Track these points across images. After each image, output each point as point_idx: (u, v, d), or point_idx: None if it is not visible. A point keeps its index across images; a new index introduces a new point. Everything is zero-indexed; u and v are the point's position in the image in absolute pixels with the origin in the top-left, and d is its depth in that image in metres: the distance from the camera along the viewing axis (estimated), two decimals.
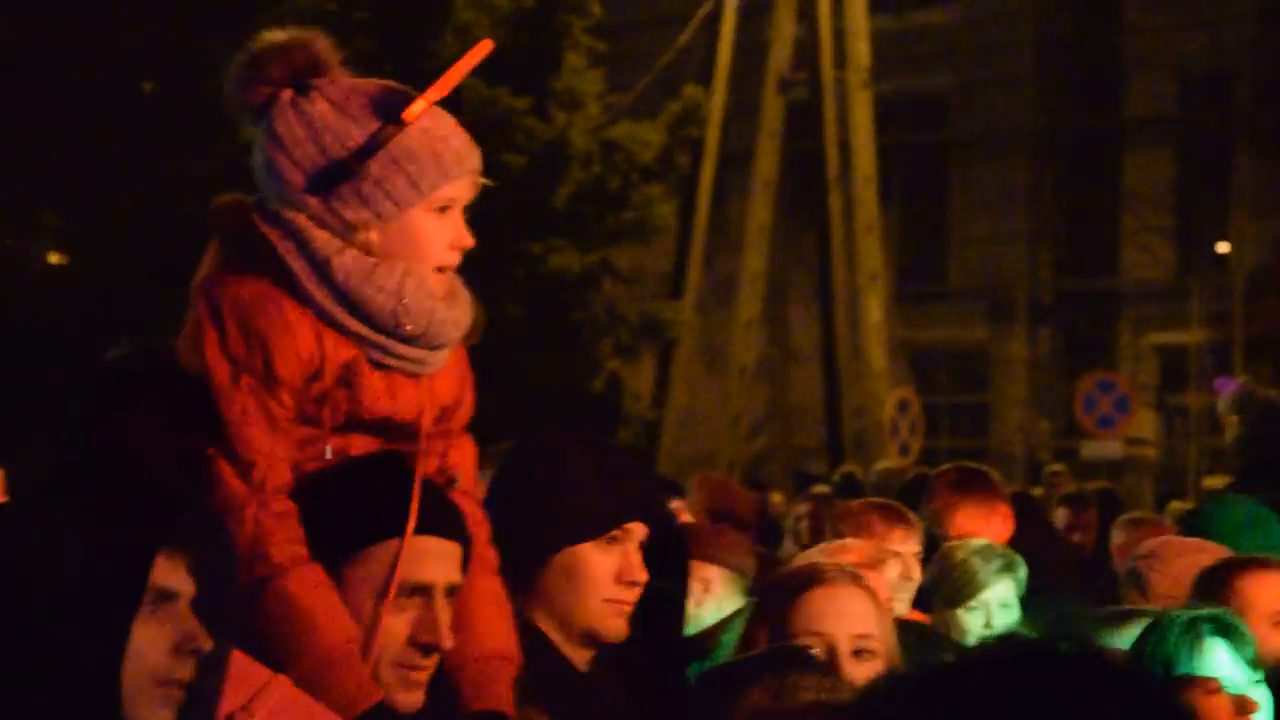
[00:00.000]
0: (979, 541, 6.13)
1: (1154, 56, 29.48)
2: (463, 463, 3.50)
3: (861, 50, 24.11)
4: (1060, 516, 10.32)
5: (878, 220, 24.67)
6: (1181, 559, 5.46)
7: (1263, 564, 5.19)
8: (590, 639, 3.88)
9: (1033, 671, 1.90)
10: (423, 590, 3.20)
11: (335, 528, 3.20)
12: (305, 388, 3.25)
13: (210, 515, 2.92)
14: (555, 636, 3.84)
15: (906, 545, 5.82)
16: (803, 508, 12.34)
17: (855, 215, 24.45)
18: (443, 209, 3.37)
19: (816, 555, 4.80)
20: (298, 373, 3.25)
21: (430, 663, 3.24)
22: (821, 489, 17.59)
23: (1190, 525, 6.70)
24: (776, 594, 3.74)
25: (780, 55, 24.63)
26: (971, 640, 5.71)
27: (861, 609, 3.68)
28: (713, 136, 23.87)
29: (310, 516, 3.20)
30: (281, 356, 3.24)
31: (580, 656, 3.88)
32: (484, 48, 3.47)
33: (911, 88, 29.78)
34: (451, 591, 3.26)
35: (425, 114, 3.32)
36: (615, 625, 3.87)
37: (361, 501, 3.25)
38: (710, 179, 24.26)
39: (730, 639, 4.02)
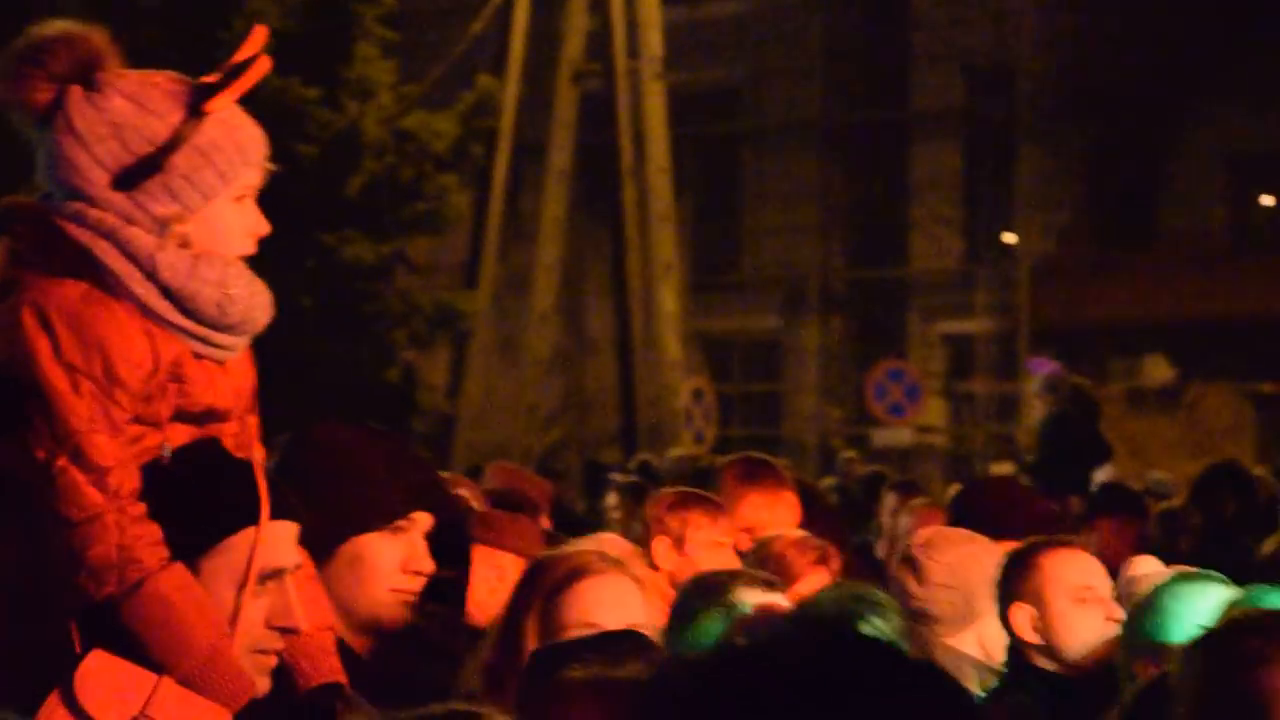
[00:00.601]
0: (797, 533, 6.17)
1: (940, 50, 29.80)
2: (256, 440, 3.50)
3: (654, 41, 24.16)
4: (889, 502, 10.43)
5: (671, 211, 24.72)
6: (955, 548, 5.56)
7: (1065, 543, 5.32)
8: (374, 629, 3.87)
9: (826, 652, 1.91)
10: (276, 575, 3.20)
11: (189, 523, 3.18)
12: (142, 388, 3.22)
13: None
14: (338, 627, 3.82)
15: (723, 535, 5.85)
16: (613, 499, 12.37)
17: (649, 206, 24.49)
18: (240, 198, 3.37)
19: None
20: (136, 374, 3.22)
21: (283, 645, 3.25)
22: (624, 478, 17.65)
23: (955, 510, 6.84)
24: (544, 584, 3.71)
25: (574, 46, 24.61)
26: None
27: (630, 599, 3.67)
28: (507, 127, 23.82)
29: (159, 514, 3.18)
30: (121, 359, 3.21)
31: (363, 646, 3.87)
32: (260, 35, 3.45)
33: (704, 79, 29.88)
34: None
35: (222, 105, 3.31)
36: (399, 615, 3.87)
37: (212, 494, 3.24)
38: (505, 169, 24.21)
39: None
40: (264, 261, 3.42)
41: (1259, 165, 26.92)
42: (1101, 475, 14.44)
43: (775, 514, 6.39)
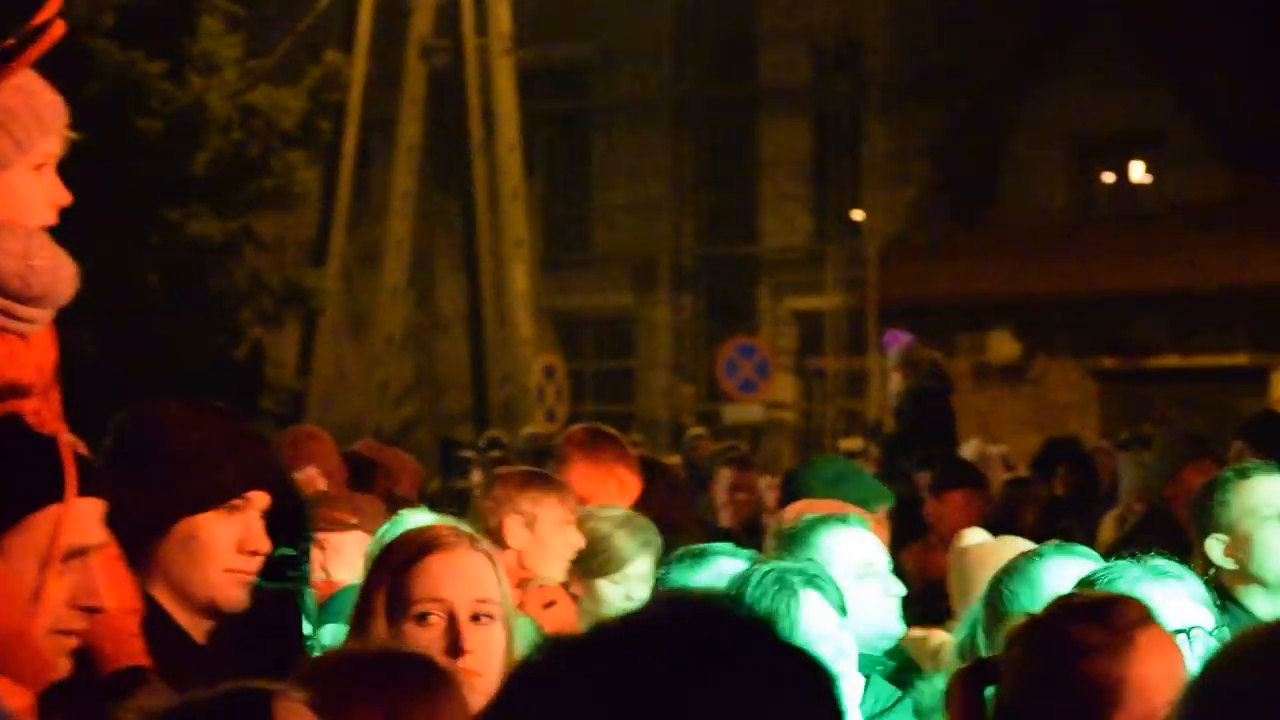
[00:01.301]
0: (620, 512, 6.16)
1: (787, 27, 29.87)
2: (59, 415, 3.43)
3: (503, 17, 24.08)
4: (724, 477, 10.46)
5: (522, 187, 24.66)
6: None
7: (842, 520, 5.38)
8: (210, 610, 3.81)
9: (694, 629, 1.90)
10: (81, 553, 3.13)
11: None
12: None
13: None
14: (173, 608, 3.76)
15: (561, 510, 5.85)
16: (477, 476, 12.35)
17: (499, 182, 24.42)
18: (39, 166, 3.28)
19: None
20: None
21: (86, 627, 3.18)
22: (485, 455, 17.59)
23: (786, 486, 6.86)
24: (394, 560, 3.67)
25: (422, 22, 24.48)
26: (612, 611, 5.73)
27: (480, 573, 3.63)
28: (354, 103, 23.66)
29: None
30: None
31: (199, 628, 3.81)
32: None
33: (553, 55, 29.79)
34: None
35: (18, 71, 3.23)
36: (236, 595, 3.81)
37: (14, 471, 3.15)
38: (353, 145, 24.06)
39: (347, 605, 3.98)
40: (108, 237, 3.36)
41: (1101, 143, 27.23)
42: (969, 450, 14.53)
43: (604, 487, 6.42)
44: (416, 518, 5.08)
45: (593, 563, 5.93)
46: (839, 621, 4.58)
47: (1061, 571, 4.28)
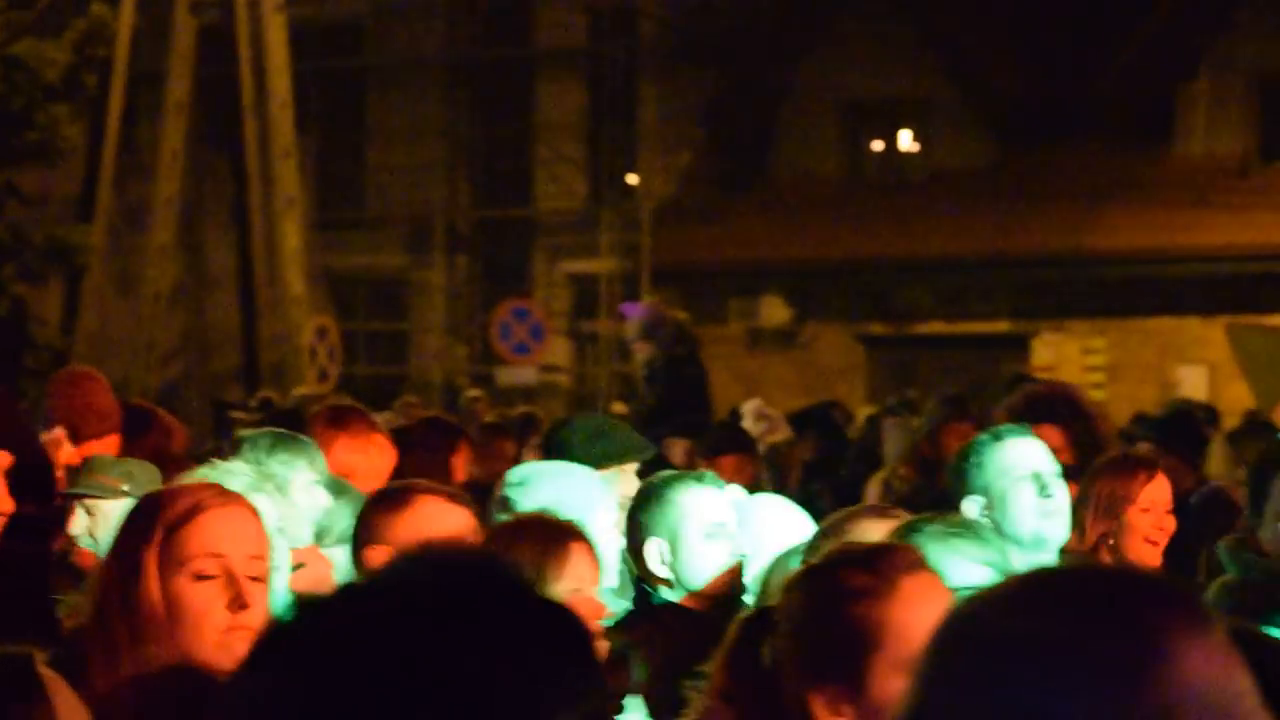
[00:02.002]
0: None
1: None
2: None
3: None
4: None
5: (294, 146, 24.39)
6: (549, 483, 5.58)
7: (698, 479, 5.54)
8: None
9: (445, 583, 1.91)
10: None
11: None
12: None
13: None
14: None
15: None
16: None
17: (271, 141, 24.13)
18: None
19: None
20: None
21: None
22: (249, 416, 17.39)
23: (547, 443, 6.91)
24: (168, 517, 3.58)
25: None
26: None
27: (254, 531, 3.63)
28: (121, 57, 23.24)
29: None
30: None
31: None
32: None
33: (327, 13, 29.54)
34: None
35: None
36: None
37: None
38: (120, 100, 23.65)
39: None
40: None
41: (870, 112, 27.50)
42: (749, 409, 14.57)
43: (367, 457, 6.44)
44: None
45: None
46: (604, 577, 4.62)
47: (876, 531, 4.37)
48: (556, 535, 4.63)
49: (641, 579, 5.42)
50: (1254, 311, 23.82)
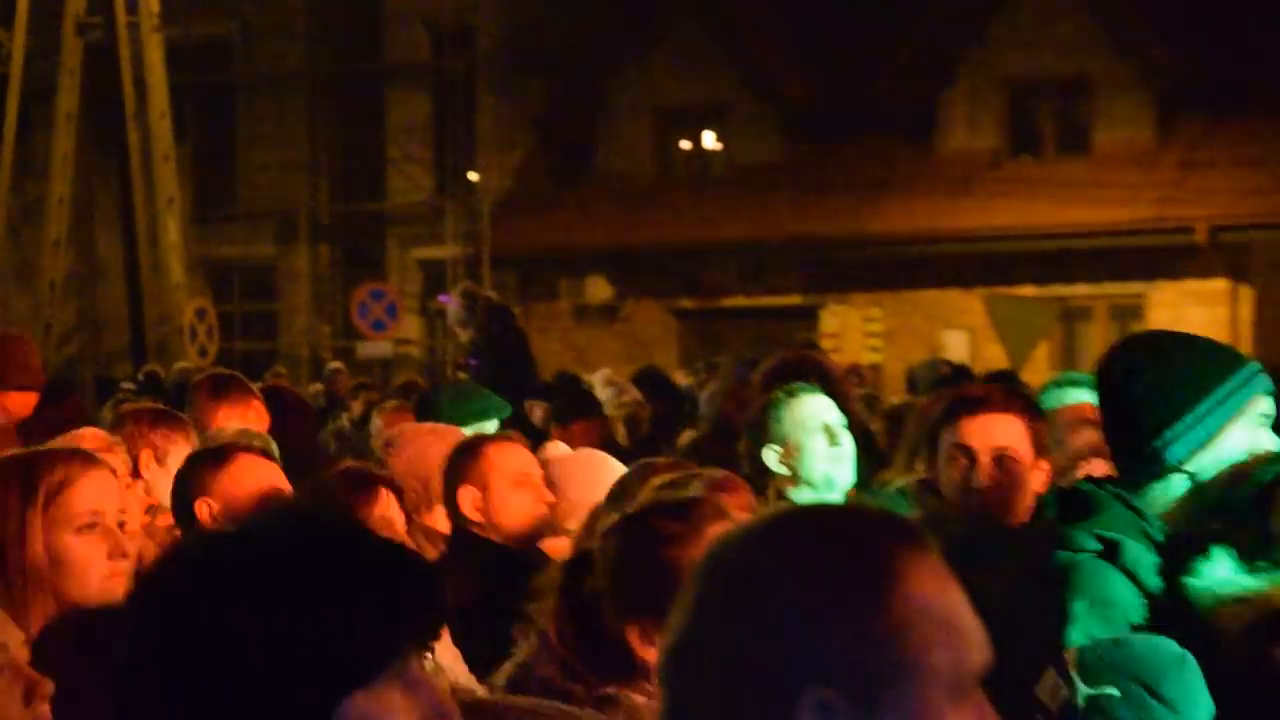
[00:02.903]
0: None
1: (408, 10, 29.85)
2: None
3: None
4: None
5: (172, 150, 24.07)
6: (415, 442, 5.61)
7: (508, 437, 5.56)
8: None
9: (297, 535, 1.91)
10: None
11: None
12: None
13: None
14: None
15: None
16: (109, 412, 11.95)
17: (152, 146, 23.82)
18: None
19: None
20: None
21: None
22: (130, 386, 17.13)
23: (420, 406, 6.90)
24: (52, 481, 3.50)
25: (77, 1, 23.71)
26: None
27: (117, 488, 3.61)
28: (16, 74, 22.91)
29: None
30: None
31: None
32: None
33: (199, 33, 29.23)
34: None
35: None
36: None
37: None
38: (15, 112, 23.32)
39: None
40: None
41: (677, 116, 27.54)
42: (599, 378, 14.45)
43: (246, 420, 6.38)
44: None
45: None
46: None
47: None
48: (365, 483, 4.59)
49: (459, 523, 5.42)
50: (1006, 284, 24.18)
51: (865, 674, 1.74)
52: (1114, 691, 3.13)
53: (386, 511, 4.56)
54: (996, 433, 4.66)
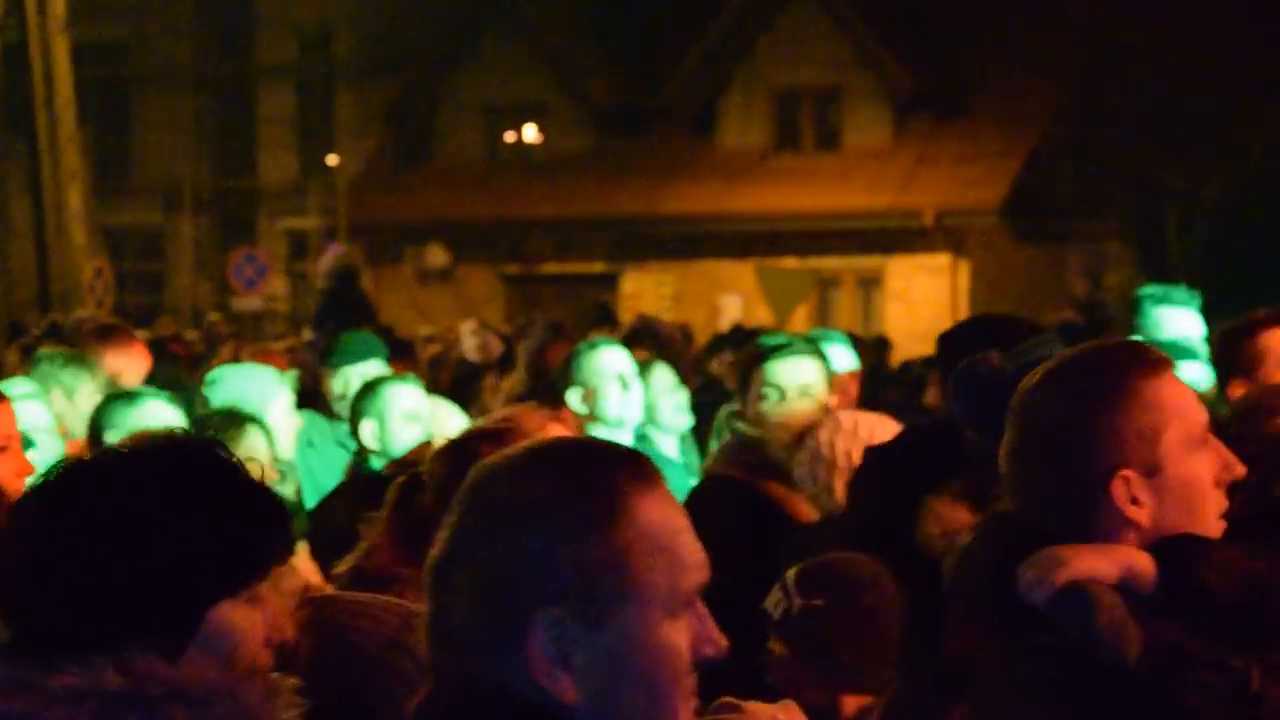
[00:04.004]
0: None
1: (276, 15, 29.37)
2: None
3: (59, 3, 22.70)
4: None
5: (77, 133, 23.26)
6: (235, 381, 5.53)
7: (403, 379, 5.52)
8: None
9: (168, 458, 1.88)
10: None
11: None
12: None
13: None
14: None
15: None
16: (13, 355, 11.60)
17: (58, 130, 23.00)
18: None
19: None
20: None
21: None
22: (35, 330, 16.65)
23: (323, 352, 6.80)
24: None
25: None
26: None
27: (13, 418, 3.59)
28: None
29: None
30: None
31: None
32: None
33: (100, 33, 28.51)
34: None
35: None
36: None
37: None
38: None
39: None
40: None
41: (504, 110, 27.37)
42: (466, 329, 14.20)
43: (131, 362, 6.23)
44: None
45: None
46: (278, 449, 4.62)
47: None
48: (236, 421, 4.56)
49: (358, 450, 5.37)
50: (772, 257, 24.42)
51: (592, 595, 1.67)
52: (820, 602, 3.16)
53: (255, 444, 4.51)
54: (800, 372, 4.70)
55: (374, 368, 6.36)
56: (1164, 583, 2.23)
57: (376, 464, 5.27)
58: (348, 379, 6.25)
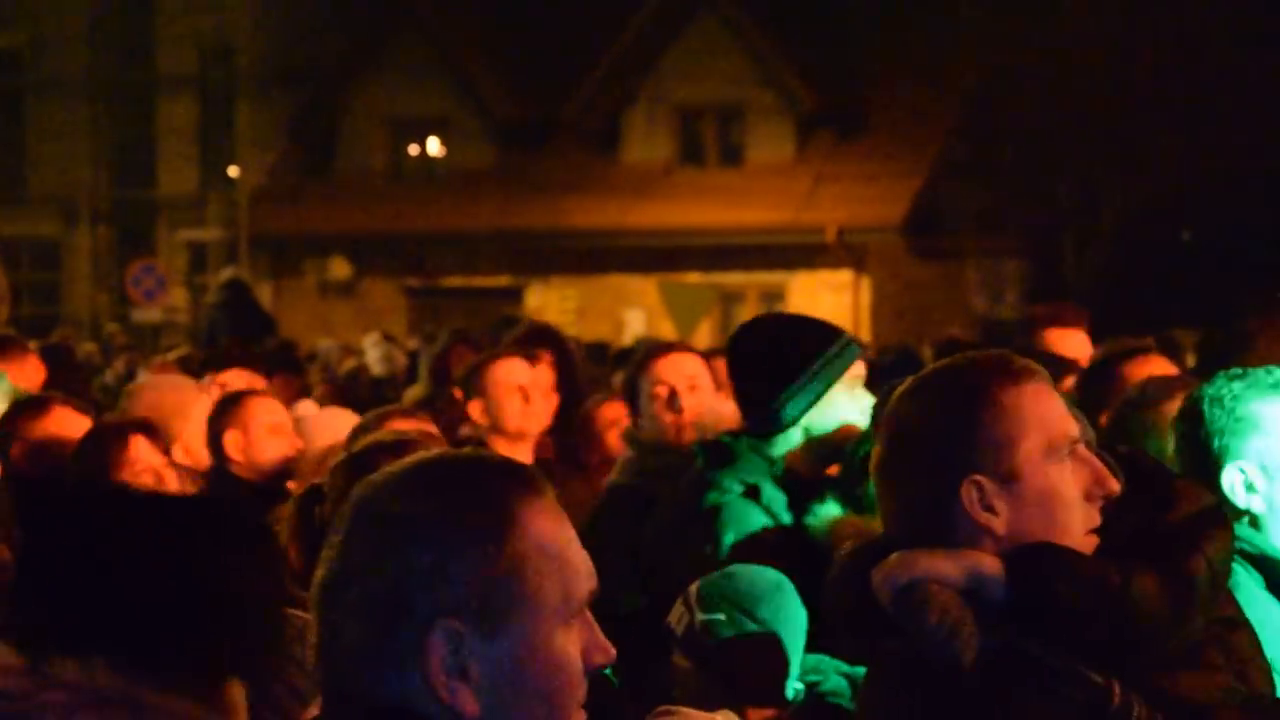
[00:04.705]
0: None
1: (178, 28, 29.14)
2: None
3: None
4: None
5: None
6: (151, 391, 5.51)
7: (261, 393, 5.54)
8: None
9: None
10: None
11: None
12: None
13: None
14: None
15: None
16: None
17: None
18: None
19: None
20: None
21: None
22: None
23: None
24: None
25: None
26: None
27: None
28: None
29: None
30: None
31: None
32: None
33: None
34: None
35: None
36: None
37: None
38: None
39: None
40: None
41: (408, 124, 27.29)
42: (370, 341, 14.12)
43: (24, 373, 6.16)
44: None
45: None
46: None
47: (402, 425, 4.41)
48: (121, 430, 4.47)
49: (220, 462, 5.32)
50: (676, 272, 24.51)
51: (488, 605, 1.68)
52: (721, 616, 3.15)
53: (141, 453, 4.44)
54: (685, 368, 4.73)
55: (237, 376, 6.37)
56: (1011, 588, 2.20)
57: (240, 474, 5.28)
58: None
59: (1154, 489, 2.38)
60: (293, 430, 5.32)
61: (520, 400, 5.41)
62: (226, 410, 5.30)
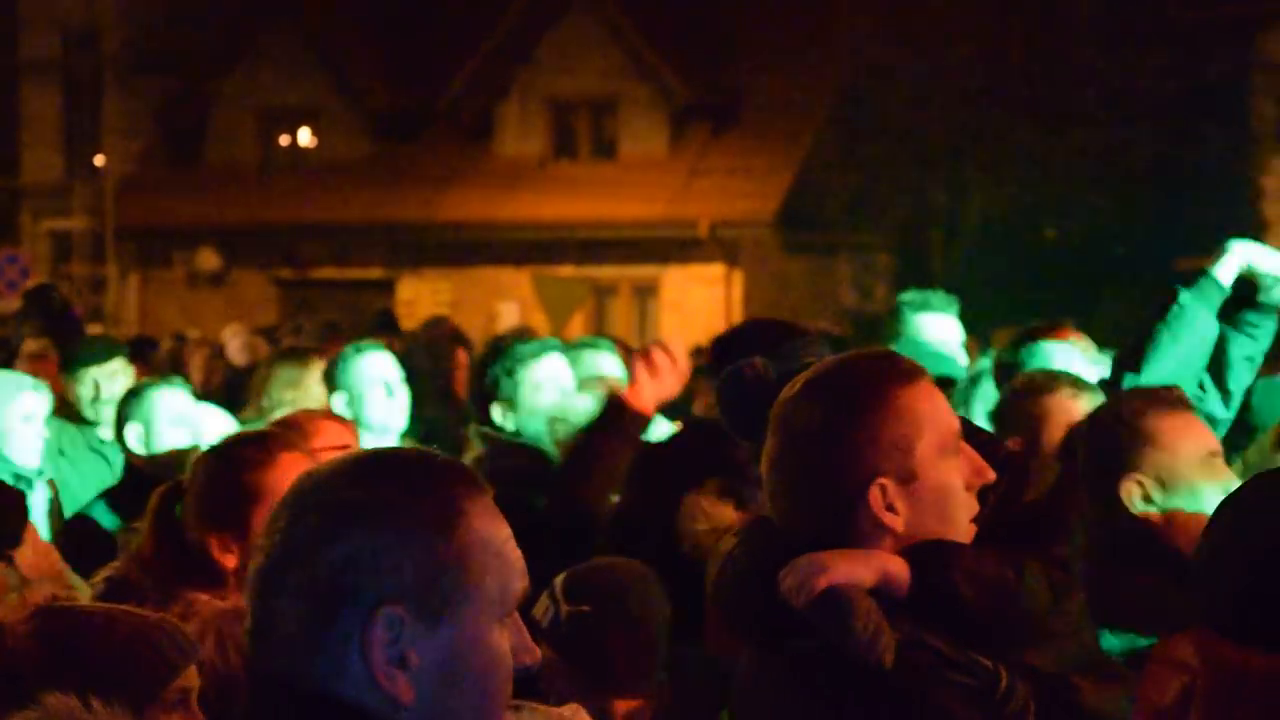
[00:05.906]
0: None
1: (41, 13, 28.55)
2: None
3: None
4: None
5: None
6: None
7: (170, 382, 5.46)
8: None
9: None
10: None
11: None
12: None
13: None
14: None
15: None
16: None
17: None
18: None
19: None
20: None
21: None
22: None
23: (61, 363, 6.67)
24: None
25: None
26: None
27: None
28: None
29: None
30: None
31: None
32: None
33: None
34: None
35: None
36: None
37: None
38: None
39: None
40: None
41: (278, 114, 27.00)
42: (230, 333, 13.93)
43: None
44: None
45: None
46: None
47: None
48: None
49: (127, 455, 5.26)
50: (549, 264, 24.50)
51: (432, 594, 1.71)
52: (587, 608, 3.16)
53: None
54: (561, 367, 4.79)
55: (117, 366, 6.31)
56: (916, 586, 2.27)
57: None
58: (93, 381, 6.19)
59: (1004, 469, 2.48)
60: (193, 421, 5.27)
61: (384, 393, 5.38)
62: (129, 402, 5.28)
